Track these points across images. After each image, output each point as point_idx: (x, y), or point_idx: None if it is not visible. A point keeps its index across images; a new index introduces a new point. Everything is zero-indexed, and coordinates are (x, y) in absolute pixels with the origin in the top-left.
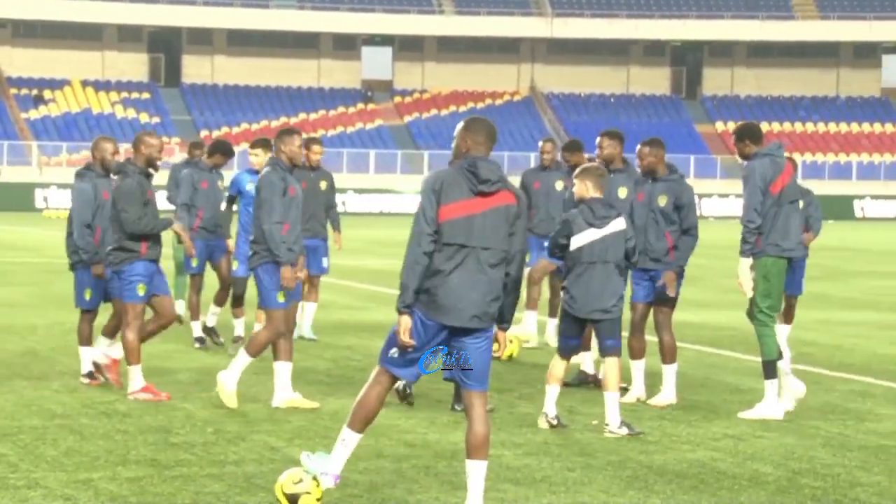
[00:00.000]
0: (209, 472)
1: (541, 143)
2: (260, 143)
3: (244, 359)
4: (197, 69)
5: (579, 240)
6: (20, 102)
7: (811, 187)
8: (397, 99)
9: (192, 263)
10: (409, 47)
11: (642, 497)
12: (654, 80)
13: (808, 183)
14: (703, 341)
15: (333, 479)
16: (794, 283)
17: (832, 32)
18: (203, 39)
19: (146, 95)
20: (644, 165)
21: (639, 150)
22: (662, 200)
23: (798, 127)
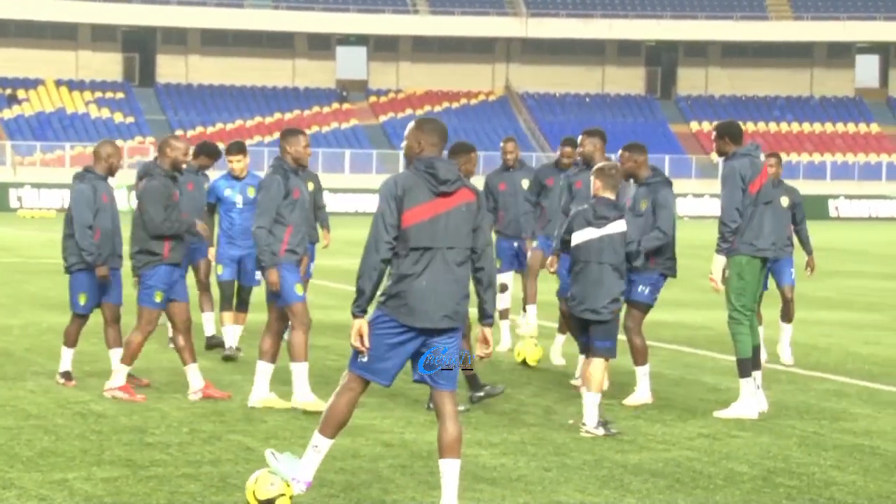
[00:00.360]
0: (185, 472)
1: (502, 143)
2: (237, 149)
3: (300, 368)
4: (171, 69)
5: (577, 237)
6: None
7: None
8: (372, 99)
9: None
10: (383, 47)
11: (618, 496)
12: (629, 80)
13: None
14: (679, 341)
15: (305, 485)
16: (785, 273)
17: (806, 33)
18: (177, 39)
19: (120, 95)
20: (623, 170)
21: (619, 155)
22: (644, 204)
23: (772, 127)
